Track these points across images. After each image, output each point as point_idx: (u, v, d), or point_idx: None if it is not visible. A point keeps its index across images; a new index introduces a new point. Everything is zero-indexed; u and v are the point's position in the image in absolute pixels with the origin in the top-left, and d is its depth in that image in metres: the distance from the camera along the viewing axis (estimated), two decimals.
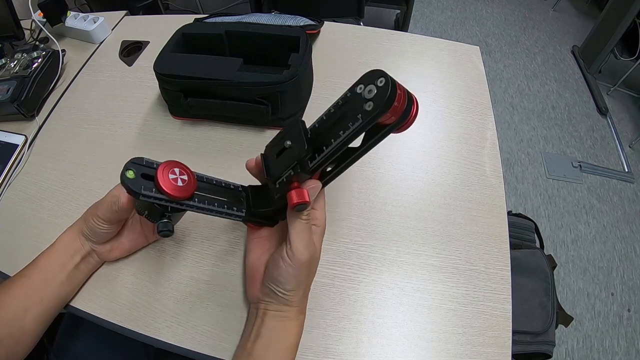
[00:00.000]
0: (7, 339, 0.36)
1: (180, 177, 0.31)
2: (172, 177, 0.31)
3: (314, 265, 0.36)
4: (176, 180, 0.31)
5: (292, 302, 0.35)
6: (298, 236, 0.32)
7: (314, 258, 0.34)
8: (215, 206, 0.33)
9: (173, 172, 0.31)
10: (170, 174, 0.31)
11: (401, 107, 0.27)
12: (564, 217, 1.41)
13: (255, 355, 0.34)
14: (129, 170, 0.30)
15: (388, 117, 0.28)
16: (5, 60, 0.64)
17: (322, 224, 0.36)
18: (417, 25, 2.12)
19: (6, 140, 0.58)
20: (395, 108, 0.27)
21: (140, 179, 0.30)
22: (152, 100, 0.61)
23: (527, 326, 0.70)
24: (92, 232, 0.39)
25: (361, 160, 0.53)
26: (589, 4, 2.28)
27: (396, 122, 0.29)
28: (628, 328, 1.17)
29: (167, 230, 0.32)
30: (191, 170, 0.33)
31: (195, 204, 0.32)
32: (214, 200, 0.33)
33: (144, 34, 0.73)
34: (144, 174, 0.31)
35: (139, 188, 0.30)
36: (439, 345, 0.39)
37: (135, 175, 0.30)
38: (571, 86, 1.83)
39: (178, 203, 0.31)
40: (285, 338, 0.35)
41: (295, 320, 0.35)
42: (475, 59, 0.65)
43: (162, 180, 0.30)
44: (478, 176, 0.51)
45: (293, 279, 0.33)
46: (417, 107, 0.29)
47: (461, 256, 0.45)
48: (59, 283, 0.39)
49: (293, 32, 0.56)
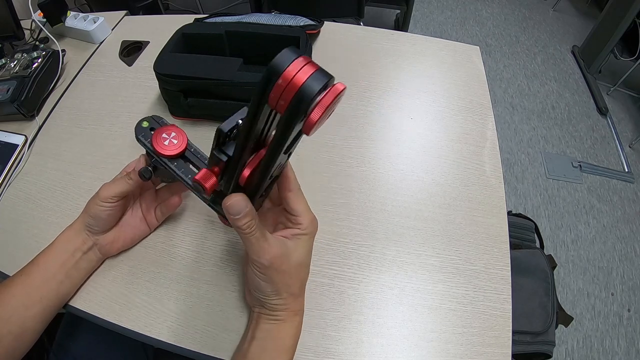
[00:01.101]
0: (7, 337, 0.36)
1: (171, 139, 0.38)
2: (164, 136, 0.38)
3: (293, 268, 0.34)
4: (165, 140, 0.37)
5: (280, 306, 0.34)
6: (248, 248, 0.32)
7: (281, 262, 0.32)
8: (189, 177, 0.37)
9: (167, 134, 0.38)
10: (164, 134, 0.38)
11: (291, 87, 0.21)
12: (564, 217, 1.41)
13: (250, 357, 0.34)
14: (145, 120, 0.39)
15: (276, 101, 0.22)
16: (5, 60, 0.64)
17: (308, 228, 0.34)
18: (417, 25, 2.12)
19: (6, 140, 0.58)
20: (279, 87, 0.21)
21: (147, 130, 0.39)
22: (152, 100, 0.61)
23: (527, 326, 0.70)
24: (96, 219, 0.39)
25: (361, 161, 0.52)
26: (589, 4, 2.28)
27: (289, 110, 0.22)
28: (628, 328, 1.17)
29: (144, 176, 0.38)
30: (187, 142, 0.38)
31: (171, 166, 0.37)
32: (190, 173, 0.37)
33: (144, 34, 0.73)
34: (153, 128, 0.39)
35: (140, 133, 0.39)
36: (439, 345, 0.39)
37: (147, 126, 0.39)
38: (571, 86, 1.83)
39: (158, 156, 0.37)
40: (280, 340, 0.35)
41: (290, 322, 0.35)
42: (475, 59, 0.65)
43: (155, 135, 0.38)
44: (478, 176, 0.51)
45: (267, 285, 0.33)
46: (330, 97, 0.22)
47: (461, 256, 0.45)
48: (59, 281, 0.39)
49: (293, 32, 0.56)
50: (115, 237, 0.42)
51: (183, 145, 0.37)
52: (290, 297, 0.35)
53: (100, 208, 0.39)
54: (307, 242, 0.35)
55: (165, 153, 0.37)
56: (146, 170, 0.38)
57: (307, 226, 0.34)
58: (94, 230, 0.40)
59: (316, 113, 0.22)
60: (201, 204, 0.49)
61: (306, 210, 0.34)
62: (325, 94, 0.22)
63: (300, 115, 0.22)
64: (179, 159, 0.38)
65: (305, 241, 0.35)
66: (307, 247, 0.35)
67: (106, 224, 0.41)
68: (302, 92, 0.21)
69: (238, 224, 0.30)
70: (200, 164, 0.38)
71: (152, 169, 0.39)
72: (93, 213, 0.39)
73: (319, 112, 0.21)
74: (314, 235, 0.36)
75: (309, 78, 0.21)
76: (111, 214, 0.40)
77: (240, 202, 0.30)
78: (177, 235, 0.47)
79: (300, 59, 0.21)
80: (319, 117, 0.22)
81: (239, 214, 0.30)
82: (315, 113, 0.22)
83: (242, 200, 0.30)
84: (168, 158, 0.37)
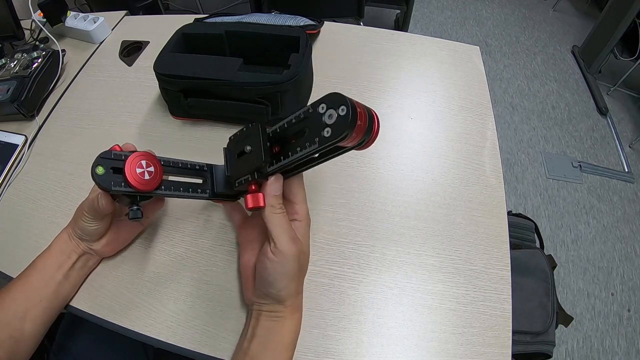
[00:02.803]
0: (8, 341, 0.36)
1: (147, 169, 0.33)
2: (139, 171, 0.32)
3: (304, 260, 0.35)
4: (143, 174, 0.32)
5: (285, 301, 0.34)
6: (280, 230, 0.32)
7: (300, 251, 0.33)
8: (181, 190, 0.36)
9: (140, 166, 0.32)
10: (137, 167, 0.32)
11: (361, 133, 0.27)
12: (564, 217, 1.41)
13: (251, 355, 0.34)
14: (98, 166, 0.31)
15: (347, 142, 0.27)
16: (5, 60, 0.64)
17: (305, 218, 0.36)
18: (417, 25, 2.13)
19: (6, 140, 0.58)
20: (354, 137, 0.27)
21: (110, 173, 0.32)
22: (152, 100, 0.61)
23: (527, 326, 0.70)
24: (83, 231, 0.39)
25: (361, 161, 0.52)
26: (589, 4, 2.28)
27: (358, 143, 0.29)
28: (628, 328, 1.17)
29: (136, 217, 0.34)
30: (157, 160, 0.34)
31: (161, 192, 0.34)
32: (179, 185, 0.36)
33: (144, 34, 0.73)
34: (114, 167, 0.32)
35: (108, 184, 0.31)
36: (439, 345, 0.39)
37: (105, 170, 0.31)
38: (571, 86, 1.83)
39: (149, 193, 0.34)
40: (280, 337, 0.35)
41: (290, 319, 0.35)
42: (475, 59, 0.65)
43: (129, 174, 0.31)
44: (478, 176, 0.51)
45: (283, 277, 0.33)
46: (378, 126, 0.29)
47: (461, 256, 0.44)
48: (57, 283, 0.39)
49: (293, 32, 0.56)
50: (109, 240, 0.42)
51: (159, 168, 0.34)
52: (295, 291, 0.35)
53: (86, 225, 0.38)
54: (307, 235, 0.36)
55: (152, 188, 0.33)
56: (136, 212, 0.34)
57: (304, 217, 0.36)
58: (84, 239, 0.40)
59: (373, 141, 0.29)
60: (202, 206, 0.49)
61: (304, 202, 0.36)
62: (376, 127, 0.28)
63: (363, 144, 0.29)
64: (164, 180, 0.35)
65: (306, 234, 0.36)
66: (308, 239, 0.36)
67: (94, 235, 0.40)
68: (369, 131, 0.27)
69: (274, 202, 0.32)
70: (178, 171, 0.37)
71: (137, 206, 0.35)
72: (80, 226, 0.39)
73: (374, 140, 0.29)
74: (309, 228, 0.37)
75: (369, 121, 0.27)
76: (96, 228, 0.39)
77: (280, 182, 0.33)
78: (177, 235, 0.47)
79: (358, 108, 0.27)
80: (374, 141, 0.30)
81: (278, 192, 0.33)
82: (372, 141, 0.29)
83: (281, 181, 0.33)
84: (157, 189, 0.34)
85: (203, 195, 0.37)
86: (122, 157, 0.32)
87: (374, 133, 0.28)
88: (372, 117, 0.28)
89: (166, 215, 0.48)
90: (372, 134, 0.28)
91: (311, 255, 0.44)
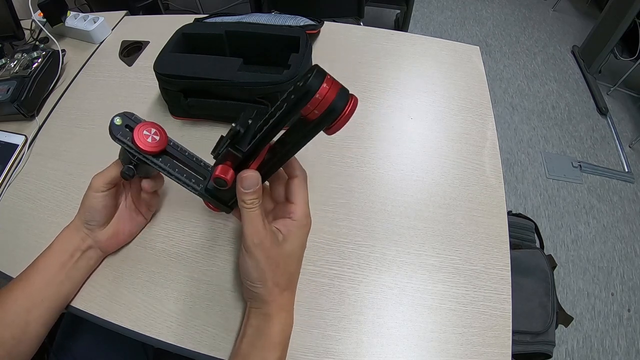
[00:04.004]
0: (10, 341, 0.36)
1: (153, 135, 0.36)
2: (145, 133, 0.36)
3: (282, 257, 0.34)
4: (147, 137, 0.36)
5: (265, 297, 0.34)
6: (245, 223, 0.32)
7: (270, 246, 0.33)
8: (176, 172, 0.37)
9: (148, 130, 0.36)
10: (145, 130, 0.36)
11: (325, 102, 0.26)
12: (564, 217, 1.41)
13: (242, 354, 0.34)
14: (118, 117, 0.37)
15: (310, 111, 0.26)
16: (5, 60, 0.64)
17: (300, 218, 0.35)
18: (417, 25, 2.13)
19: (6, 140, 0.58)
20: (316, 100, 0.25)
21: (123, 127, 0.37)
22: (152, 100, 0.61)
23: (527, 326, 0.70)
24: (91, 212, 0.39)
25: (361, 160, 0.52)
26: (589, 4, 2.28)
27: (321, 118, 0.27)
28: (628, 328, 1.17)
29: (127, 174, 0.37)
30: (167, 137, 0.38)
31: (157, 162, 0.37)
32: (176, 167, 0.38)
33: (144, 34, 0.73)
34: (128, 125, 0.37)
35: (117, 132, 0.36)
36: (439, 345, 0.39)
37: (121, 123, 0.37)
38: (571, 86, 1.84)
39: (143, 155, 0.36)
40: (268, 337, 0.34)
41: (277, 318, 0.35)
42: (475, 59, 0.65)
43: (136, 132, 0.36)
44: (478, 176, 0.51)
45: (254, 269, 0.33)
46: (352, 108, 0.27)
47: (461, 256, 0.45)
48: (59, 282, 0.39)
49: (293, 32, 0.56)
50: (114, 232, 0.42)
51: (164, 141, 0.37)
52: (276, 289, 0.34)
53: (94, 200, 0.39)
54: (299, 235, 0.35)
55: (150, 150, 0.36)
56: (128, 169, 0.38)
57: (299, 217, 0.35)
58: (91, 226, 0.40)
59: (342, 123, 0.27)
60: (201, 206, 0.49)
61: (303, 203, 0.35)
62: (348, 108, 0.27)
63: (329, 123, 0.27)
64: (164, 154, 0.38)
65: (297, 234, 0.35)
66: (299, 239, 0.35)
67: (102, 216, 0.41)
68: (334, 105, 0.26)
69: (245, 198, 0.32)
70: (182, 157, 0.38)
71: (134, 166, 0.38)
72: (88, 205, 0.39)
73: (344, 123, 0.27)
74: (307, 231, 0.36)
75: (337, 95, 0.26)
76: (106, 204, 0.40)
77: (254, 178, 0.32)
78: (176, 236, 0.47)
79: (329, 76, 0.26)
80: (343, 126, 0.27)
81: (249, 189, 0.32)
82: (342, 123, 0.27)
83: (256, 178, 0.32)
84: (153, 155, 0.37)
85: (195, 186, 0.37)
86: (139, 121, 0.37)
87: (344, 112, 0.27)
88: (346, 96, 0.27)
89: (166, 215, 0.48)
90: (342, 112, 0.27)
91: (311, 255, 0.44)
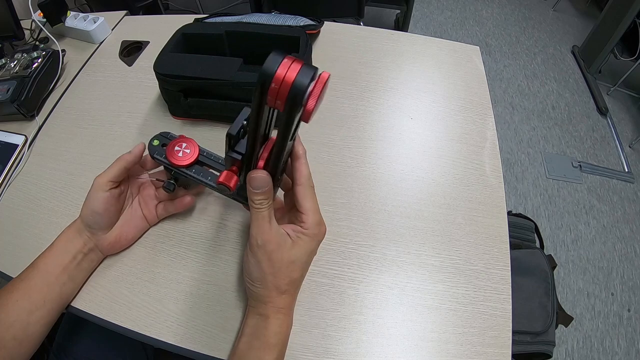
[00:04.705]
0: (11, 342, 0.36)
1: (184, 150, 0.41)
2: (176, 149, 0.41)
3: (285, 262, 0.33)
4: (179, 152, 0.41)
5: (264, 297, 0.34)
6: (252, 223, 0.33)
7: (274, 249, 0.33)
8: (209, 180, 0.40)
9: (179, 145, 0.41)
10: (176, 146, 0.41)
11: (282, 90, 0.24)
12: (564, 217, 1.41)
13: (239, 354, 0.34)
14: (155, 139, 0.42)
15: (272, 100, 0.25)
16: (5, 60, 0.64)
17: (310, 228, 0.34)
18: (417, 25, 2.12)
19: (6, 140, 0.58)
20: (273, 90, 0.24)
21: (160, 147, 0.42)
22: (152, 100, 0.61)
23: (527, 326, 0.70)
24: (94, 214, 0.39)
25: (361, 160, 0.52)
26: (589, 4, 2.28)
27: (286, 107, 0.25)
28: (628, 328, 1.17)
29: (167, 188, 0.42)
30: (199, 148, 0.41)
31: (190, 173, 0.41)
32: (208, 175, 0.41)
33: (144, 34, 0.73)
34: (164, 144, 0.42)
35: (154, 152, 0.41)
36: (439, 345, 0.39)
37: (159, 143, 0.42)
38: (571, 86, 1.84)
39: (176, 168, 0.40)
40: (264, 338, 0.34)
41: (273, 319, 0.34)
42: (475, 59, 0.65)
43: (169, 149, 0.41)
44: (478, 176, 0.51)
45: (255, 269, 0.33)
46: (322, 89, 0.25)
47: (461, 256, 0.45)
48: (61, 283, 0.39)
49: (293, 32, 0.56)
50: (117, 236, 0.42)
51: (196, 152, 0.41)
52: (275, 291, 0.34)
53: (97, 201, 0.39)
54: (307, 243, 0.34)
55: (181, 164, 0.40)
56: (169, 183, 0.42)
57: (310, 226, 0.34)
58: (94, 230, 0.40)
59: (311, 103, 0.25)
60: (202, 206, 0.49)
61: (313, 211, 0.35)
62: (314, 85, 0.24)
63: (298, 108, 0.25)
64: (196, 165, 0.41)
65: (306, 242, 0.34)
66: (306, 247, 0.34)
67: (105, 220, 0.40)
68: (295, 88, 0.24)
69: (254, 197, 0.32)
70: (215, 164, 0.41)
71: (174, 180, 0.42)
72: (91, 207, 0.39)
73: (313, 101, 0.25)
74: (319, 240, 0.35)
75: (297, 75, 0.24)
76: (109, 207, 0.40)
77: (264, 179, 0.32)
78: (176, 236, 0.47)
79: (286, 59, 0.24)
80: (313, 106, 0.25)
81: (258, 189, 0.32)
82: (310, 103, 0.25)
83: (266, 178, 0.32)
84: (185, 167, 0.40)
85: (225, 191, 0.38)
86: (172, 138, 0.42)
87: (309, 92, 0.24)
88: (311, 75, 0.24)
89: None
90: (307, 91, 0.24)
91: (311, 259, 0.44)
